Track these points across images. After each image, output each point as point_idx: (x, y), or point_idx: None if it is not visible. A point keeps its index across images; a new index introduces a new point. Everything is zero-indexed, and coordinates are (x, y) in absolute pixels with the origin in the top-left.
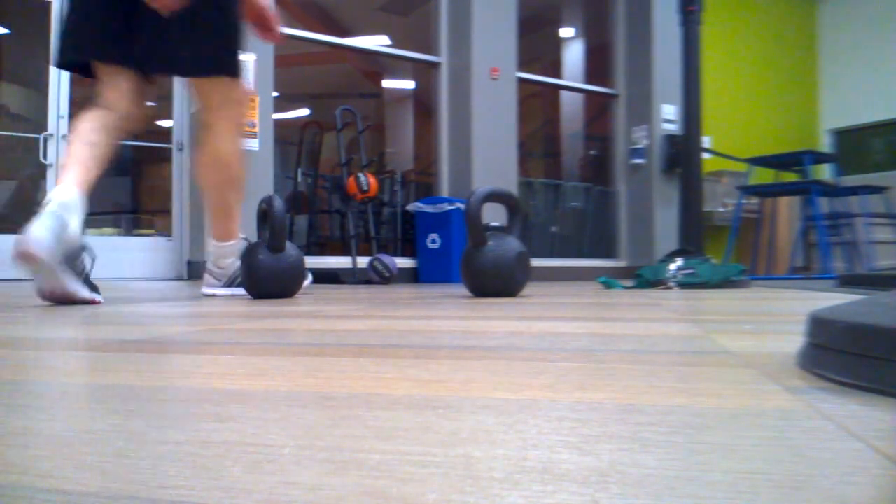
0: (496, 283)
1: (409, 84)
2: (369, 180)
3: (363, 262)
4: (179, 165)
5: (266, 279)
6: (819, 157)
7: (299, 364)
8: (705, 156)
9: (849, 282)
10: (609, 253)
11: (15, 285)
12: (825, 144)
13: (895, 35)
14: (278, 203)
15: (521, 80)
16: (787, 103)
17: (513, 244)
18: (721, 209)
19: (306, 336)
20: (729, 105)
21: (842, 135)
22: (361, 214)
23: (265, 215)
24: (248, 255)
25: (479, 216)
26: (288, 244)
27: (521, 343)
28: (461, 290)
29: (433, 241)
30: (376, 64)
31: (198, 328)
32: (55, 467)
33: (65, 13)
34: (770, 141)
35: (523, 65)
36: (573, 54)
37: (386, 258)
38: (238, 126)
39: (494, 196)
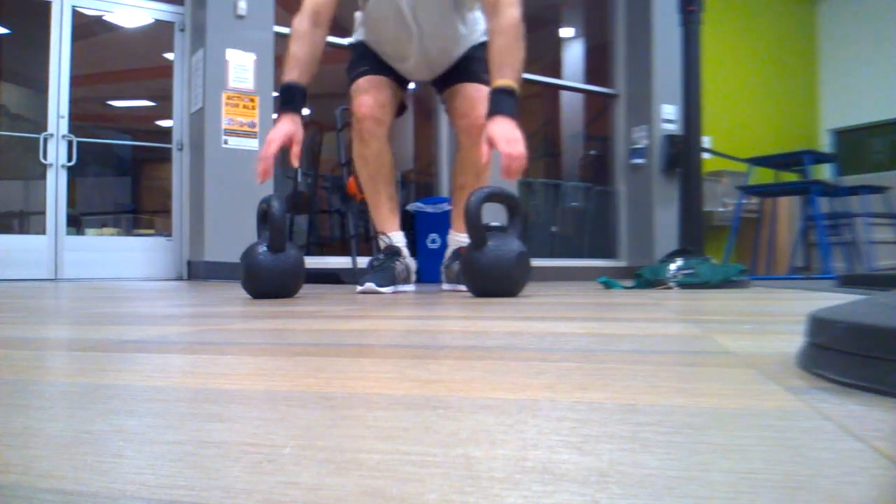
0: (496, 283)
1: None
2: None
3: (363, 262)
4: (179, 165)
5: (266, 279)
6: (819, 157)
7: (299, 364)
8: (705, 156)
9: (849, 282)
10: (609, 253)
11: (14, 286)
12: (825, 144)
13: (895, 35)
14: (278, 203)
15: (522, 80)
16: (787, 103)
17: (513, 244)
18: (721, 209)
19: (306, 336)
20: (729, 105)
21: (842, 135)
22: (362, 214)
23: (265, 215)
24: (248, 255)
25: (479, 217)
26: (288, 244)
27: (521, 343)
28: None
29: (433, 241)
30: None
31: (198, 328)
32: (55, 467)
33: None
34: (770, 141)
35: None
36: (573, 54)
37: None
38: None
39: (494, 196)
